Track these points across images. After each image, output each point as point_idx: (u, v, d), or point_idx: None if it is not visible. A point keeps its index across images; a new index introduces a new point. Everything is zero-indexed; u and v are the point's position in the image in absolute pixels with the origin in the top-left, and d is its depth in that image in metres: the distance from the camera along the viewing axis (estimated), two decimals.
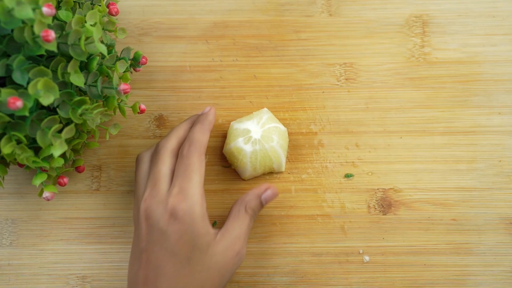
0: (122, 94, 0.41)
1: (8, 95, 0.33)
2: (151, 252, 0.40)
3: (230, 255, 0.41)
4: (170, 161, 0.43)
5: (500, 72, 0.51)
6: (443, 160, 0.49)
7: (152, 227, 0.40)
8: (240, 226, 0.43)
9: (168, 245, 0.40)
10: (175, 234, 0.40)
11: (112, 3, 0.45)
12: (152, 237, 0.40)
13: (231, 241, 0.42)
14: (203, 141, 0.44)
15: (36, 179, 0.40)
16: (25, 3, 0.32)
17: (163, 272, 0.40)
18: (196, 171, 0.42)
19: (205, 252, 0.40)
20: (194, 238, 0.40)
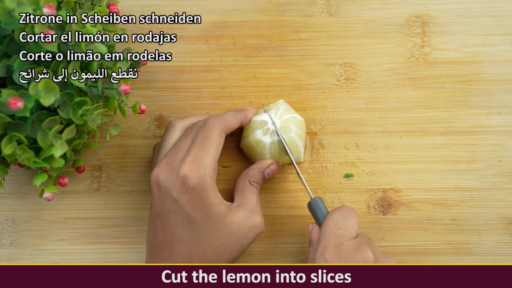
0: (122, 94, 0.41)
1: (8, 96, 0.33)
2: (166, 219, 0.41)
3: (250, 225, 0.42)
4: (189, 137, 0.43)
5: (500, 72, 0.51)
6: (442, 160, 0.49)
7: (165, 195, 0.41)
8: (251, 197, 0.44)
9: (183, 213, 0.40)
10: (189, 202, 0.40)
11: (112, 3, 0.45)
12: (166, 204, 0.41)
13: (249, 211, 0.43)
14: (231, 122, 0.44)
15: (36, 179, 0.40)
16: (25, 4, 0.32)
17: (180, 238, 0.41)
18: (214, 144, 0.42)
19: (221, 221, 0.41)
20: (208, 208, 0.41)
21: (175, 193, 0.40)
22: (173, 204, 0.41)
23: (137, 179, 0.50)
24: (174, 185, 0.40)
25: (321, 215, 0.43)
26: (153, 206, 0.42)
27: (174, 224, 0.41)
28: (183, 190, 0.40)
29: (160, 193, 0.41)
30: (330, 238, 0.40)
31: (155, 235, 0.42)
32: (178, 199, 0.40)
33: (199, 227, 0.41)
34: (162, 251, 0.41)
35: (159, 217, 0.41)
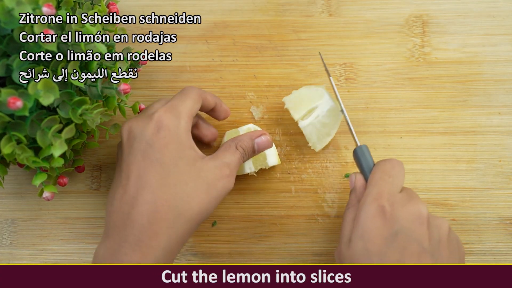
0: (122, 94, 0.41)
1: (8, 95, 0.33)
2: (132, 163, 0.39)
3: (219, 174, 0.40)
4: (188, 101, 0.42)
5: (500, 72, 0.51)
6: (442, 160, 0.49)
7: (135, 139, 0.40)
8: (230, 157, 0.42)
9: (152, 154, 0.39)
10: (160, 141, 0.39)
11: (112, 3, 0.45)
12: (135, 146, 0.39)
13: (221, 164, 0.41)
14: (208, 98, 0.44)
15: (36, 179, 0.40)
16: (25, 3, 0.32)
17: (146, 183, 0.38)
18: (192, 99, 0.42)
19: (191, 164, 0.40)
20: (180, 148, 0.40)
21: (147, 134, 0.39)
22: (143, 145, 0.39)
23: None
24: (147, 128, 0.39)
25: (366, 164, 0.42)
26: (122, 154, 0.40)
27: (141, 168, 0.39)
28: (155, 130, 0.39)
29: (130, 138, 0.40)
30: (382, 184, 0.39)
31: (118, 189, 0.39)
32: (149, 139, 0.39)
33: (167, 169, 0.39)
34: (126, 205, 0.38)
35: (126, 167, 0.39)
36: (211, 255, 0.48)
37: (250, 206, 0.49)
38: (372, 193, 0.39)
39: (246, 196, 0.49)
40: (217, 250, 0.48)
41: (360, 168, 0.43)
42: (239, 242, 0.48)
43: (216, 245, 0.49)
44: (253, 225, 0.49)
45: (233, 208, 0.49)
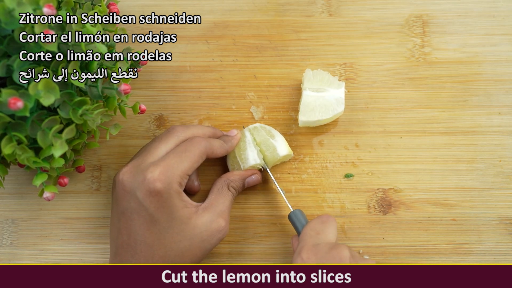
0: (122, 94, 0.41)
1: (8, 96, 0.33)
2: (129, 219, 0.41)
3: (214, 229, 0.42)
4: (172, 147, 0.43)
5: (500, 72, 0.51)
6: (443, 160, 0.49)
7: (130, 195, 0.41)
8: (223, 202, 0.44)
9: (146, 214, 0.40)
10: (153, 204, 0.40)
11: (112, 3, 0.45)
12: (130, 204, 0.41)
13: (216, 215, 0.43)
14: (216, 150, 0.44)
15: (36, 179, 0.40)
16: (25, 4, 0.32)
17: (142, 240, 0.41)
18: (191, 159, 0.42)
19: (186, 223, 0.41)
20: (172, 210, 0.41)
21: (140, 194, 0.40)
22: (137, 205, 0.41)
23: None
24: (139, 187, 0.40)
25: (300, 225, 0.44)
26: (117, 204, 0.42)
27: (137, 225, 0.41)
28: (148, 192, 0.40)
29: (124, 193, 0.41)
30: (307, 240, 0.41)
31: (119, 235, 0.42)
32: (142, 201, 0.40)
33: (161, 229, 0.41)
34: (126, 252, 0.41)
35: (123, 216, 0.41)
36: (211, 255, 0.48)
37: (250, 206, 0.49)
38: (298, 250, 0.41)
39: (246, 196, 0.49)
40: (217, 250, 0.48)
41: (297, 231, 0.44)
42: (239, 242, 0.48)
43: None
44: (253, 225, 0.49)
45: (233, 208, 0.49)
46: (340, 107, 0.48)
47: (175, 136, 0.44)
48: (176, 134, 0.44)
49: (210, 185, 0.48)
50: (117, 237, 0.42)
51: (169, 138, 0.43)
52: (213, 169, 0.50)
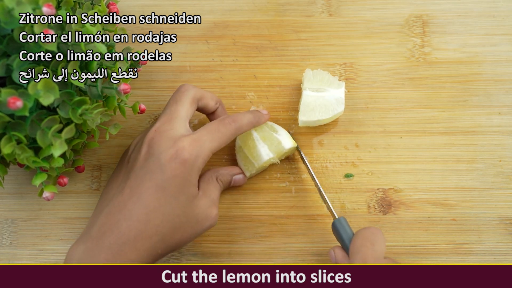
0: (122, 94, 0.41)
1: (8, 95, 0.33)
2: (138, 179, 0.41)
3: (208, 214, 0.43)
4: (188, 107, 0.43)
5: (500, 72, 0.51)
6: (443, 160, 0.49)
7: (151, 156, 0.41)
8: (214, 190, 0.45)
9: (159, 178, 0.40)
10: (172, 171, 0.40)
11: (112, 3, 0.45)
12: (148, 165, 0.41)
13: (210, 201, 0.43)
14: (244, 128, 0.45)
15: (36, 179, 0.40)
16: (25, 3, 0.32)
17: (144, 203, 0.40)
18: (222, 140, 0.42)
19: (190, 200, 0.41)
20: (185, 184, 0.41)
21: (164, 157, 0.40)
22: (155, 167, 0.40)
23: None
24: (167, 151, 0.40)
25: (345, 235, 0.43)
26: (132, 164, 0.42)
27: (145, 187, 0.40)
28: (173, 157, 0.40)
29: (148, 153, 0.41)
30: (364, 251, 0.39)
31: (119, 193, 0.41)
32: (164, 164, 0.40)
33: (167, 198, 0.40)
34: (119, 212, 0.40)
35: (133, 176, 0.41)
36: (211, 255, 0.48)
37: (250, 206, 0.49)
38: (357, 260, 0.39)
39: (246, 196, 0.49)
40: (217, 250, 0.48)
41: (340, 240, 0.43)
42: (239, 242, 0.48)
43: (216, 245, 0.49)
44: (253, 225, 0.49)
45: (233, 208, 0.49)
46: (340, 107, 0.48)
47: (188, 94, 0.44)
48: (188, 92, 0.44)
49: None
50: (114, 196, 0.41)
51: (183, 97, 0.44)
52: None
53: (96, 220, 0.41)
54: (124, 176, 0.42)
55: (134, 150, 0.43)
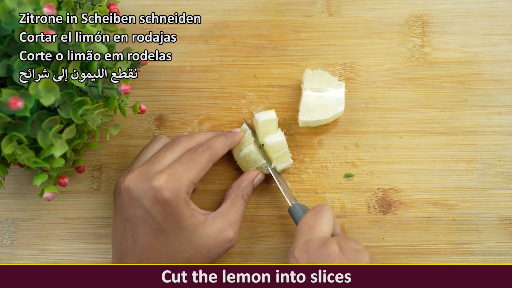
0: (122, 94, 0.41)
1: (9, 96, 0.33)
2: (135, 226, 0.41)
3: (222, 239, 0.42)
4: (178, 155, 0.43)
5: (500, 72, 0.51)
6: (443, 160, 0.49)
7: (136, 202, 0.41)
8: (235, 212, 0.44)
9: (153, 222, 0.40)
10: (160, 213, 0.40)
11: (112, 3, 0.45)
12: (137, 212, 0.40)
13: (225, 226, 0.43)
14: (220, 152, 0.44)
15: (36, 179, 0.40)
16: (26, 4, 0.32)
17: (149, 247, 0.41)
18: (198, 169, 0.42)
19: (193, 232, 0.41)
20: (180, 219, 0.41)
21: (147, 203, 0.40)
22: (143, 213, 0.40)
23: None
24: (146, 195, 0.40)
25: (298, 220, 0.44)
26: (122, 211, 0.41)
27: (144, 233, 0.40)
28: (155, 200, 0.40)
29: (131, 200, 0.41)
30: (299, 236, 0.40)
31: (123, 240, 0.41)
32: (150, 209, 0.40)
33: (168, 237, 0.41)
34: (131, 258, 0.41)
35: (128, 223, 0.41)
36: None
37: (250, 206, 0.49)
38: (292, 248, 0.40)
39: None
40: None
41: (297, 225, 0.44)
42: (239, 242, 0.48)
43: None
44: (253, 225, 0.49)
45: None
46: (340, 107, 0.48)
47: (181, 145, 0.44)
48: (181, 144, 0.44)
49: (210, 184, 0.48)
50: (121, 242, 0.42)
51: (175, 147, 0.43)
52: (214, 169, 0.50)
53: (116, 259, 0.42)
54: (122, 222, 0.42)
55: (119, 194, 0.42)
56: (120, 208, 0.42)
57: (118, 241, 0.42)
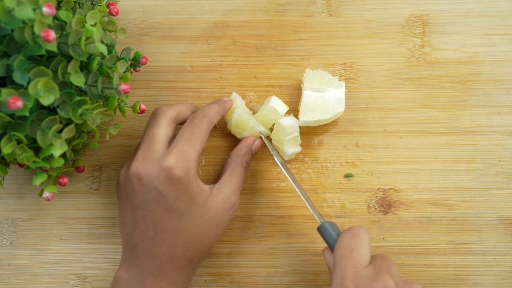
0: (122, 94, 0.41)
1: (8, 95, 0.33)
2: (147, 210, 0.41)
3: (226, 208, 0.43)
4: (166, 128, 0.43)
5: (500, 72, 0.51)
6: (443, 160, 0.49)
7: (146, 187, 0.41)
8: (236, 180, 0.45)
9: (165, 203, 0.41)
10: (172, 192, 0.40)
11: (112, 3, 0.45)
12: (148, 196, 0.41)
13: (228, 195, 0.43)
14: (215, 120, 0.45)
15: (36, 179, 0.40)
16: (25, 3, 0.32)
17: (163, 229, 0.41)
18: (201, 141, 0.43)
19: (203, 207, 0.42)
20: (191, 197, 0.41)
21: (159, 184, 0.40)
22: (155, 196, 0.41)
23: None
24: (157, 177, 0.40)
25: (331, 240, 0.42)
26: (131, 199, 0.42)
27: (157, 215, 0.41)
28: (167, 181, 0.40)
29: (141, 185, 0.41)
30: (344, 263, 0.39)
31: (135, 228, 0.42)
32: (162, 190, 0.40)
33: (182, 216, 0.41)
34: (146, 243, 0.41)
35: (140, 209, 0.41)
36: (211, 255, 0.48)
37: (250, 206, 0.49)
38: (336, 277, 0.39)
39: (246, 196, 0.49)
40: (217, 250, 0.48)
41: (328, 245, 0.42)
42: (239, 242, 0.48)
43: (216, 245, 0.49)
44: (253, 225, 0.49)
45: None
46: (340, 107, 0.48)
47: (164, 116, 0.44)
48: (164, 114, 0.44)
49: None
50: (133, 230, 0.42)
51: (159, 120, 0.44)
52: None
53: (129, 250, 0.42)
54: (131, 210, 0.42)
55: (126, 183, 0.43)
56: (127, 197, 0.42)
57: (130, 230, 0.42)
